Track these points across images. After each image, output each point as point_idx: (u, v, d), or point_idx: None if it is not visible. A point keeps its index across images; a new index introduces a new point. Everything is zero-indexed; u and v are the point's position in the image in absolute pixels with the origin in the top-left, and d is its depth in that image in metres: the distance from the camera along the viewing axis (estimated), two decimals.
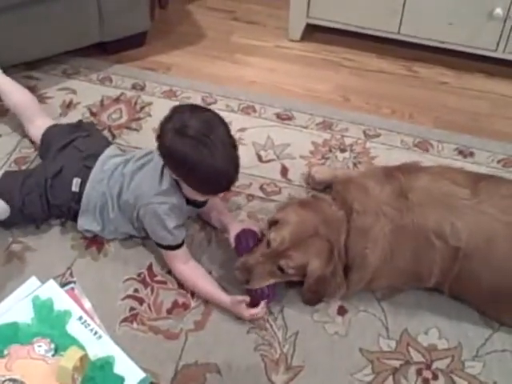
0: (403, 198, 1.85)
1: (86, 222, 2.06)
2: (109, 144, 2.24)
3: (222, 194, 2.10)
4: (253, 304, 1.91)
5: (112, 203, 2.02)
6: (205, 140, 1.78)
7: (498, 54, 2.72)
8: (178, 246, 1.96)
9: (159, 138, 1.86)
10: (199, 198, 1.97)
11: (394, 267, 1.88)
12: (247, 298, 1.90)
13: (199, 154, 1.77)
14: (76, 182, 2.04)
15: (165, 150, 1.85)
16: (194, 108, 1.91)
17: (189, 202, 1.98)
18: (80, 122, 2.37)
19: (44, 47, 2.62)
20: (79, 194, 2.03)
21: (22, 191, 2.05)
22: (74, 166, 2.07)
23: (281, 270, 1.87)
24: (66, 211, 2.08)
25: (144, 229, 2.01)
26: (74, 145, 2.14)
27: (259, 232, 2.02)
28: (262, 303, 1.90)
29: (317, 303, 1.95)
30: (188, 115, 1.83)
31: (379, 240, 1.84)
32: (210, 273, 2.03)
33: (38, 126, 2.30)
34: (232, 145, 1.86)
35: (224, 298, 1.93)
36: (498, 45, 2.68)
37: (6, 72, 2.45)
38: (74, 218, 2.08)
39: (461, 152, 2.44)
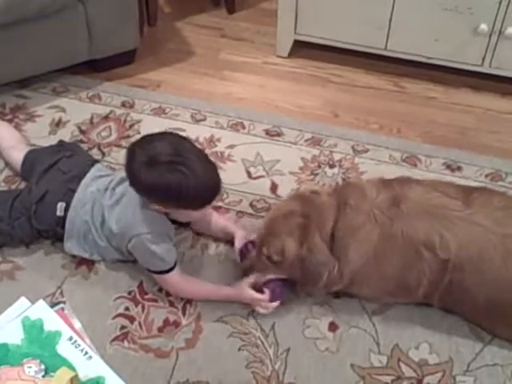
0: (395, 206, 1.86)
1: (73, 248, 2.06)
2: (94, 163, 2.21)
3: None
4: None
5: (98, 233, 2.01)
6: (179, 159, 1.76)
7: (484, 69, 2.74)
8: (171, 269, 1.94)
9: (133, 180, 1.83)
10: (192, 216, 1.97)
11: (378, 273, 1.89)
12: (251, 279, 1.93)
13: (181, 175, 1.75)
14: (60, 206, 2.03)
15: (145, 188, 1.82)
16: (148, 138, 1.86)
17: (174, 221, 1.98)
18: (61, 142, 2.36)
19: (33, 65, 2.62)
20: (64, 218, 2.02)
21: (12, 215, 2.05)
22: (57, 190, 2.06)
23: (269, 259, 1.89)
24: (52, 235, 2.07)
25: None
26: (57, 167, 2.13)
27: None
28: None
29: (312, 290, 1.95)
30: (148, 146, 1.80)
31: (364, 241, 1.85)
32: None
33: (20, 149, 2.29)
34: (202, 153, 1.88)
35: (229, 289, 1.96)
36: (483, 60, 2.70)
37: None
38: (62, 241, 2.07)
39: (449, 166, 2.46)
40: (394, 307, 1.99)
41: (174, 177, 1.75)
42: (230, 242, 2.13)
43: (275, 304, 1.95)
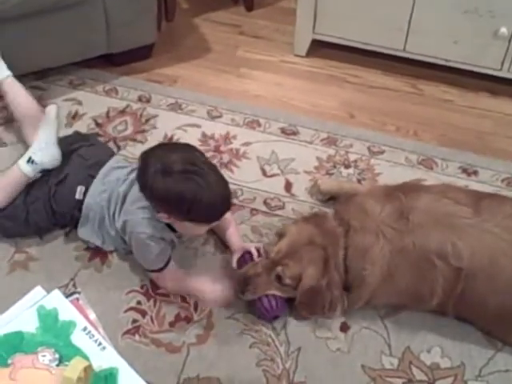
0: (404, 219, 1.85)
1: (86, 234, 2.07)
2: (113, 154, 2.24)
3: None
4: (258, 317, 1.93)
5: (110, 221, 2.02)
6: (194, 169, 1.77)
7: (503, 73, 2.73)
8: (164, 267, 1.95)
9: (145, 187, 1.84)
10: (194, 233, 2.00)
11: (394, 288, 1.88)
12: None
13: (195, 185, 1.75)
14: (80, 189, 2.04)
15: (157, 196, 1.82)
16: (162, 147, 1.88)
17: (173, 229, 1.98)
18: (78, 132, 2.36)
19: (51, 57, 2.63)
20: (82, 202, 2.04)
21: (27, 201, 2.06)
22: (78, 174, 2.08)
23: (279, 279, 1.88)
24: (69, 218, 2.08)
25: None
26: (78, 153, 2.15)
27: (261, 248, 2.04)
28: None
29: (310, 316, 1.94)
30: (162, 154, 1.80)
31: (378, 261, 1.84)
32: None
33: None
34: (215, 166, 1.88)
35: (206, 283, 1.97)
36: (502, 64, 2.69)
37: None
38: (76, 226, 2.08)
39: (465, 170, 2.45)
40: (406, 309, 1.98)
41: (189, 186, 1.76)
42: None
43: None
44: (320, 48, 2.99)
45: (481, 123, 2.68)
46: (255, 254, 2.02)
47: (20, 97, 2.34)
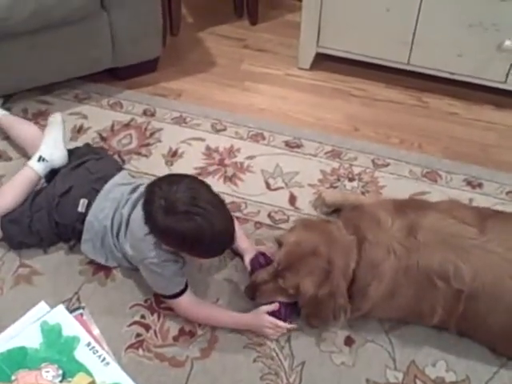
0: (413, 237, 1.84)
1: (88, 251, 2.07)
2: (120, 168, 2.25)
3: None
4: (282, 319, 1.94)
5: (113, 242, 2.02)
6: (196, 210, 1.76)
7: (508, 86, 2.73)
8: (183, 292, 1.93)
9: (149, 220, 1.83)
10: (201, 261, 2.01)
11: (394, 304, 1.88)
12: (271, 307, 1.91)
13: (197, 226, 1.75)
14: (83, 202, 2.05)
15: (160, 232, 1.83)
16: (169, 179, 1.87)
17: None
18: (88, 144, 2.38)
19: (56, 72, 2.64)
20: (85, 215, 2.04)
21: (32, 208, 2.07)
22: (82, 187, 2.08)
23: (283, 290, 1.88)
24: (71, 231, 2.08)
25: None
26: (85, 166, 2.16)
27: (273, 255, 2.03)
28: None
29: (318, 325, 1.94)
30: (167, 189, 1.79)
31: (385, 277, 1.84)
32: (217, 300, 2.03)
33: None
34: (220, 202, 1.86)
35: (245, 316, 1.94)
36: (507, 77, 2.69)
37: (19, 95, 2.47)
38: (80, 239, 2.08)
39: (469, 183, 2.44)
40: (410, 323, 1.97)
41: (191, 226, 1.76)
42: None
43: (287, 325, 1.93)
44: (324, 61, 2.99)
45: (485, 136, 2.68)
46: (270, 251, 2.04)
47: (17, 123, 2.44)
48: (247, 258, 2.06)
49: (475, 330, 1.89)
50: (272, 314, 1.92)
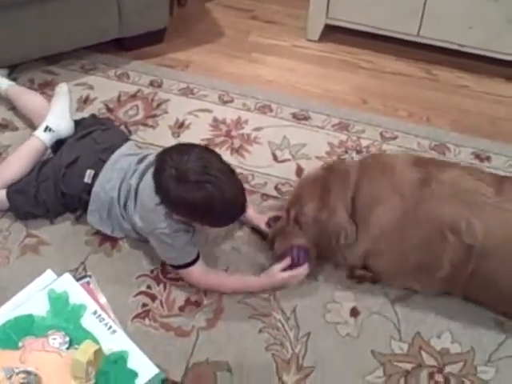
0: (426, 186, 1.84)
1: (95, 222, 2.07)
2: (127, 139, 2.24)
3: None
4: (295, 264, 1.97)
5: (121, 212, 2.02)
6: (207, 178, 1.76)
7: None
8: (194, 262, 1.94)
9: (161, 191, 1.83)
10: (213, 231, 2.01)
11: (398, 250, 1.88)
12: (284, 263, 1.95)
13: (208, 194, 1.75)
14: (89, 173, 2.04)
15: (172, 201, 1.83)
16: (180, 149, 1.85)
17: None
18: (94, 115, 2.37)
19: (63, 41, 2.63)
20: (91, 186, 2.04)
21: (38, 179, 2.08)
22: (89, 158, 2.08)
23: (296, 221, 1.94)
24: (77, 201, 2.08)
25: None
26: (92, 136, 2.15)
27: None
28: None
29: (327, 255, 1.98)
30: (178, 159, 1.78)
31: (387, 212, 1.85)
32: (227, 268, 2.05)
33: None
34: (230, 171, 1.85)
35: (260, 279, 1.96)
36: None
37: (25, 65, 2.46)
38: (86, 210, 2.08)
39: (477, 156, 2.43)
40: (416, 295, 1.98)
41: (202, 195, 1.75)
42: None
43: (304, 271, 1.95)
44: (333, 33, 2.97)
45: (495, 109, 2.66)
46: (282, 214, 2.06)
47: (23, 94, 2.44)
48: (262, 223, 2.10)
49: (484, 293, 1.88)
50: (288, 267, 1.95)
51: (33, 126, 2.35)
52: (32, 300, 1.50)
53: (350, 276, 2.02)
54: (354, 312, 1.95)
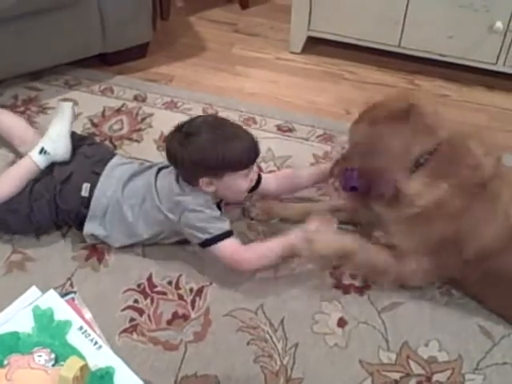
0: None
1: (92, 227, 2.07)
2: (113, 152, 2.27)
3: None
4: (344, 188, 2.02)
5: (132, 210, 2.02)
6: (218, 131, 1.91)
7: (498, 68, 2.73)
8: (227, 236, 1.96)
9: (178, 166, 1.95)
10: (240, 189, 2.01)
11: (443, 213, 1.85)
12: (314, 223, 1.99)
13: (224, 134, 1.91)
14: (85, 186, 2.05)
15: (190, 166, 1.91)
16: (187, 132, 1.93)
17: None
18: (74, 133, 2.34)
19: (46, 58, 2.63)
20: (88, 199, 2.04)
21: (31, 197, 2.06)
22: (82, 172, 2.09)
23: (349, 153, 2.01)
24: (74, 217, 2.08)
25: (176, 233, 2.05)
26: (80, 151, 2.16)
27: None
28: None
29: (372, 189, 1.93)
30: (187, 142, 1.90)
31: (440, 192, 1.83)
32: None
33: (31, 141, 2.23)
34: (240, 126, 2.11)
35: (289, 237, 1.99)
36: (498, 58, 2.69)
37: (9, 81, 2.45)
38: (80, 225, 2.08)
39: None
40: (403, 304, 1.99)
41: (218, 135, 1.90)
42: None
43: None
44: (315, 45, 2.99)
45: (477, 117, 2.68)
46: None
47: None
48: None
49: (494, 289, 1.91)
50: (344, 178, 1.99)
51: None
52: (17, 317, 1.48)
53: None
54: (342, 322, 1.95)
